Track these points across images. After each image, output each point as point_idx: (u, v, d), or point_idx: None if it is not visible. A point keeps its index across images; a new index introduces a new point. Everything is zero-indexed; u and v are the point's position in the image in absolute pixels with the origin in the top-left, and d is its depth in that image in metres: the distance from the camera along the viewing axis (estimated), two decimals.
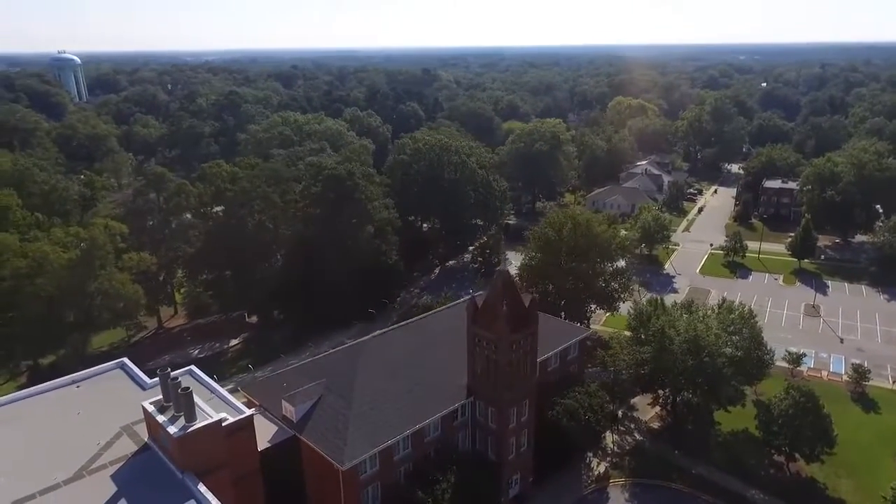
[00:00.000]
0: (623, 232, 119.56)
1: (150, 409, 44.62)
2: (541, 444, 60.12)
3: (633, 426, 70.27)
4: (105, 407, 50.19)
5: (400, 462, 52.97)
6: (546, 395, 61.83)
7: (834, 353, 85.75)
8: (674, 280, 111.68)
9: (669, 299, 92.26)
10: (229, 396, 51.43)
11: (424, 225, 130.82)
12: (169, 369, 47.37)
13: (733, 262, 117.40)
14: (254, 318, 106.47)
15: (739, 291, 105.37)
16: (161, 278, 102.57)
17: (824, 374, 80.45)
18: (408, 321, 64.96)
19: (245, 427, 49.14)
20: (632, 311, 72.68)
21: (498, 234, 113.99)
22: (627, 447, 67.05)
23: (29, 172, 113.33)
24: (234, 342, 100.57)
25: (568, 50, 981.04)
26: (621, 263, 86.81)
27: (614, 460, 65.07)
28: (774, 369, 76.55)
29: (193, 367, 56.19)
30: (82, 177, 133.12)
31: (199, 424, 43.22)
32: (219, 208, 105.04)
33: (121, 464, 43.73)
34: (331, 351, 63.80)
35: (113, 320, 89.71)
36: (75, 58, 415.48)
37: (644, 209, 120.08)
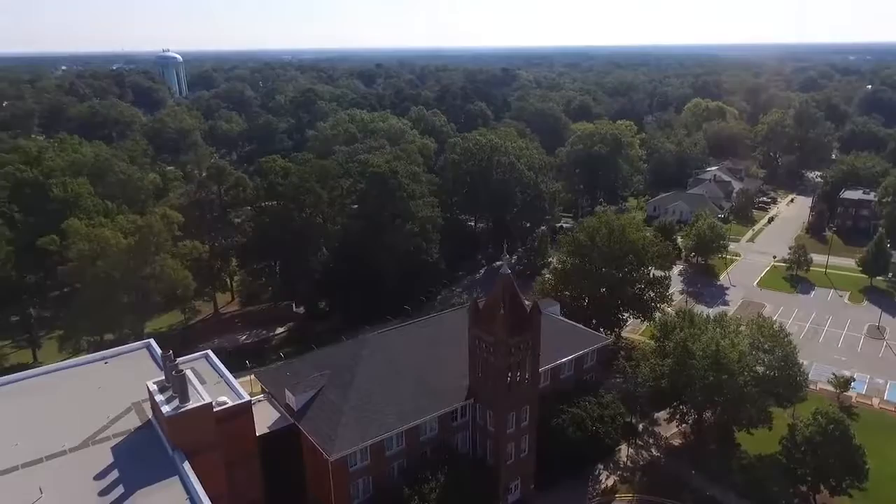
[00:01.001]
0: (679, 239, 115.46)
1: (153, 388, 47.41)
2: (546, 451, 59.25)
3: (651, 441, 67.87)
4: (123, 383, 53.57)
5: (393, 458, 53.78)
6: (557, 403, 61.02)
7: (892, 379, 79.01)
8: (727, 292, 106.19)
9: (718, 312, 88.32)
10: (235, 383, 53.78)
11: (480, 225, 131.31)
12: (171, 352, 50.37)
13: (796, 277, 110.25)
14: (301, 309, 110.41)
15: (797, 307, 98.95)
16: (217, 266, 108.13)
17: (875, 401, 74.32)
18: (418, 319, 65.74)
19: (242, 412, 51.34)
20: (657, 321, 70.11)
21: (544, 236, 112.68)
22: (642, 462, 64.85)
23: (108, 163, 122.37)
24: (279, 330, 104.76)
25: (659, 50, 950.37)
26: (661, 272, 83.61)
27: (625, 474, 63.12)
28: (820, 393, 72.06)
29: (209, 353, 59.17)
30: (157, 168, 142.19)
31: (189, 406, 45.56)
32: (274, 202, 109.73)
33: (123, 437, 46.86)
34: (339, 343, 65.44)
35: (166, 303, 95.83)
36: (178, 56, 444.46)
37: (700, 216, 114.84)
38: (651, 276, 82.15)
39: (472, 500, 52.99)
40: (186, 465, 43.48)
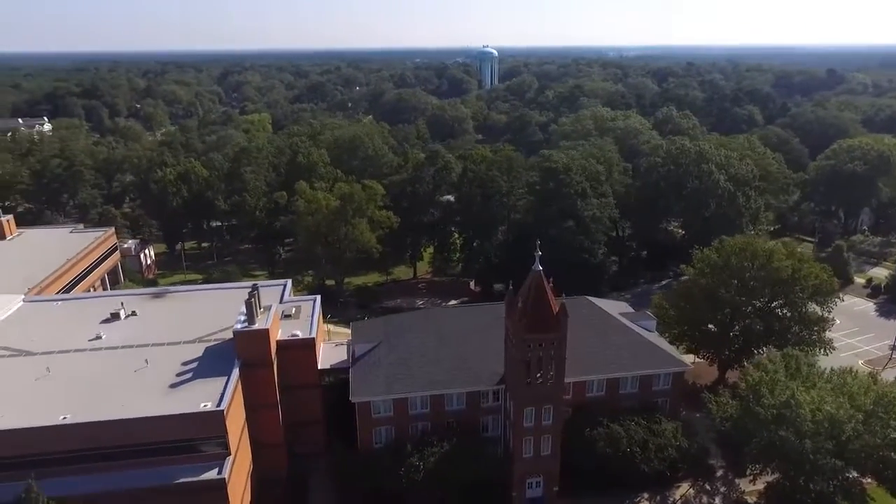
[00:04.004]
0: None
1: (242, 310, 61.33)
2: (580, 459, 58.38)
3: (723, 489, 60.49)
4: None
5: (416, 418, 59.55)
6: (601, 415, 59.43)
7: None
8: None
9: None
10: (314, 324, 65.51)
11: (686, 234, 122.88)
12: (257, 284, 64.04)
13: None
14: (477, 288, 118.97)
15: None
16: (412, 238, 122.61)
17: None
18: (485, 303, 69.08)
19: (305, 346, 62.82)
20: (754, 361, 61.23)
21: None
22: None
23: (360, 141, 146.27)
24: (452, 302, 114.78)
25: None
26: (822, 311, 71.05)
27: None
28: None
29: (317, 298, 72.21)
30: (403, 150, 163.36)
31: (251, 328, 58.38)
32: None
33: (219, 342, 61.77)
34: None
35: (361, 262, 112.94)
36: (494, 52, 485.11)
37: None
38: (805, 314, 70.54)
39: (464, 474, 55.78)
40: (236, 372, 56.11)
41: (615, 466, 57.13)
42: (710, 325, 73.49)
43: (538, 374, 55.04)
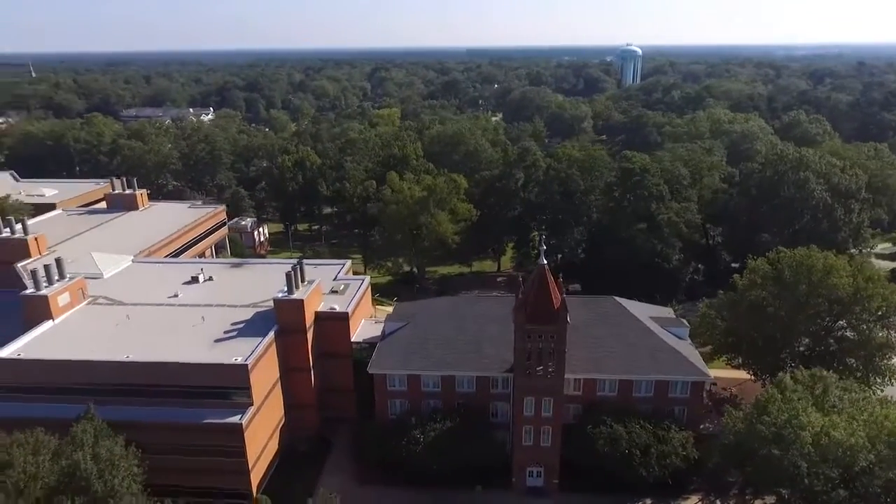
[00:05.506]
0: None
1: (286, 281, 68.22)
2: (579, 456, 58.91)
3: None
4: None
5: (428, 395, 63.17)
6: (608, 415, 59.39)
7: None
8: None
9: None
10: (354, 300, 71.25)
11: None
12: (301, 260, 70.63)
13: None
14: None
15: None
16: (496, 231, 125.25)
17: None
18: (514, 294, 70.50)
19: (340, 319, 68.64)
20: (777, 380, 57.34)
21: None
22: None
23: (462, 137, 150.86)
24: None
25: None
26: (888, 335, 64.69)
27: None
28: None
29: (366, 278, 77.96)
30: (507, 147, 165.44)
31: (289, 297, 65.11)
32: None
33: (268, 308, 69.21)
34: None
35: (438, 251, 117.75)
36: (637, 50, 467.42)
37: None
38: (870, 338, 64.62)
39: (463, 453, 58.78)
40: (270, 335, 63.09)
41: (612, 467, 56.95)
42: (758, 341, 69.45)
43: (538, 366, 56.53)
